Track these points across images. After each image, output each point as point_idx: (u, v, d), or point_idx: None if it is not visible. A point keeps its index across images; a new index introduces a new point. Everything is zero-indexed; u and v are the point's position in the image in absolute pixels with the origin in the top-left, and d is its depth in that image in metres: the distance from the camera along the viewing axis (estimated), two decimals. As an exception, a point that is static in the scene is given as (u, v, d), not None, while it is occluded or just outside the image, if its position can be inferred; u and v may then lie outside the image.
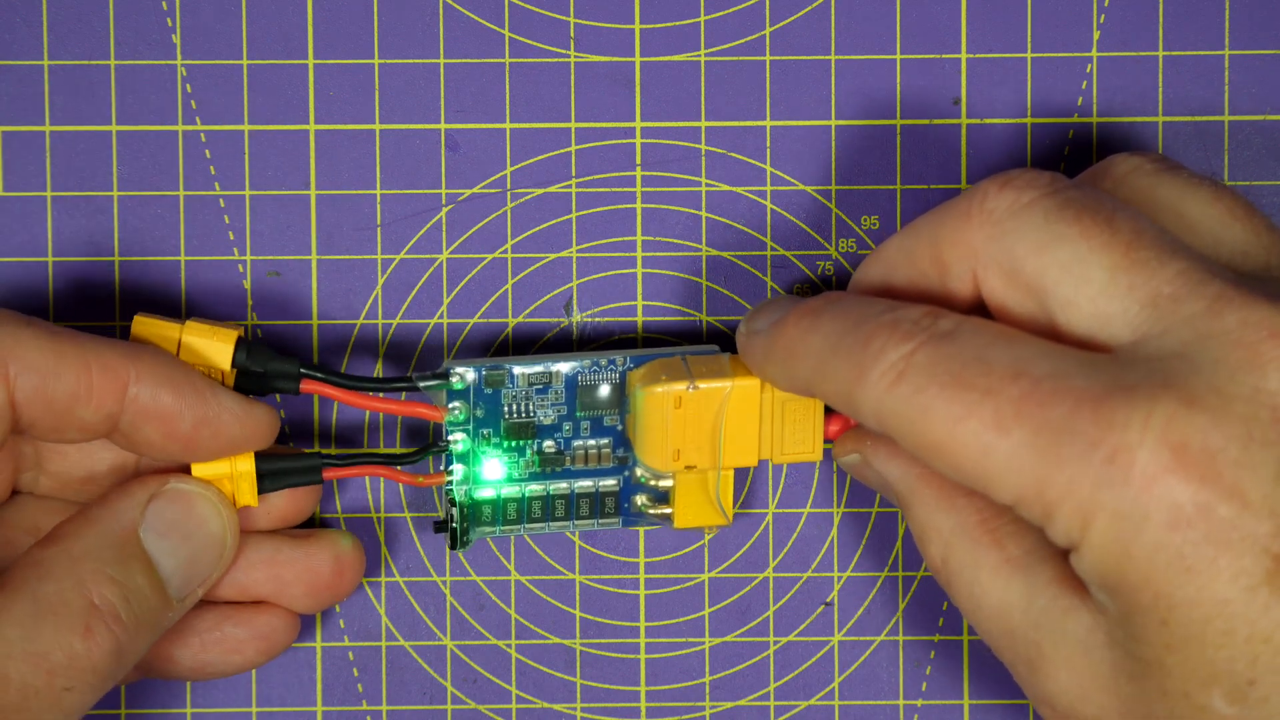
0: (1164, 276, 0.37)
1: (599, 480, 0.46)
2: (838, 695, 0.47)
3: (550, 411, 0.45)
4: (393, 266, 0.47)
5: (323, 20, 0.47)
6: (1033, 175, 0.39)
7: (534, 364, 0.45)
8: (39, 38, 0.46)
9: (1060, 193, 0.39)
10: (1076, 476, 0.36)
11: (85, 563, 0.41)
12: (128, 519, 0.42)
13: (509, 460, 0.45)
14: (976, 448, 0.37)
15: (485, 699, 0.47)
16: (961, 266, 0.40)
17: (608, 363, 0.45)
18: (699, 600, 0.47)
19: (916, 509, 0.42)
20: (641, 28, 0.47)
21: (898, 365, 0.38)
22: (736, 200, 0.47)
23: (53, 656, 0.40)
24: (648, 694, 0.47)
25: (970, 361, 0.38)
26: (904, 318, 0.39)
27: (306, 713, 0.47)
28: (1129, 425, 0.36)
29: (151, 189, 0.47)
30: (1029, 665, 0.39)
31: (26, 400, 0.41)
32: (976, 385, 0.37)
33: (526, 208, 0.47)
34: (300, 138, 0.47)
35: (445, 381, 0.44)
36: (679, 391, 0.44)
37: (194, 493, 0.43)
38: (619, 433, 0.45)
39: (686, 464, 0.44)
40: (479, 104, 0.47)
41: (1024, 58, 0.47)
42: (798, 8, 0.47)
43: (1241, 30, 0.47)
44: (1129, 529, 0.36)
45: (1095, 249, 0.38)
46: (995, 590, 0.40)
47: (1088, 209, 0.38)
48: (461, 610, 0.47)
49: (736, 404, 0.44)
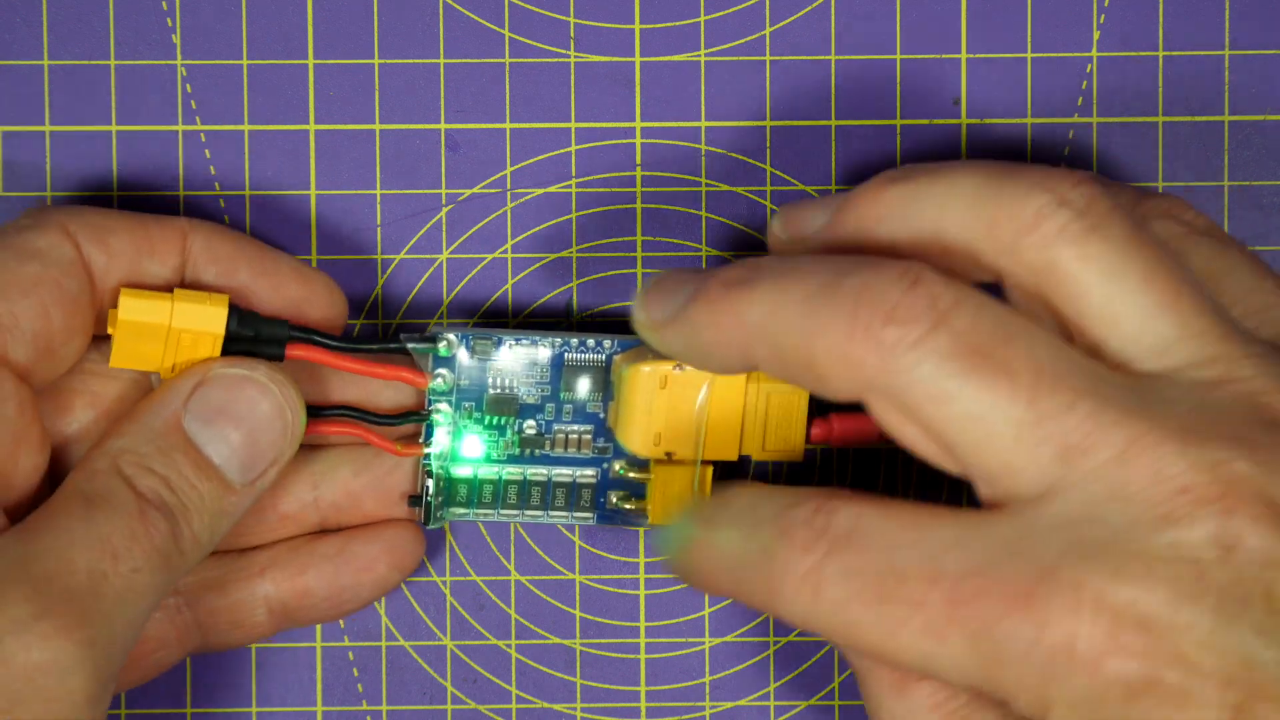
0: (1071, 423, 0.36)
1: (577, 470, 0.45)
2: (838, 695, 0.47)
3: (534, 390, 0.45)
4: (393, 266, 0.47)
5: (323, 20, 0.47)
6: (910, 301, 0.37)
7: (523, 336, 0.45)
8: (39, 38, 0.46)
9: (944, 325, 0.37)
10: (1024, 675, 0.36)
11: (125, 457, 0.41)
12: (170, 411, 0.42)
13: (489, 439, 0.45)
14: (918, 655, 0.37)
15: (485, 699, 0.47)
16: (844, 385, 0.38)
17: (595, 343, 0.45)
18: (699, 600, 0.47)
19: (871, 688, 0.40)
20: (641, 28, 0.47)
21: (809, 579, 0.37)
22: (736, 200, 0.47)
23: (114, 539, 0.40)
24: (648, 694, 0.47)
25: (882, 573, 0.37)
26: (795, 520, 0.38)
27: (306, 713, 0.47)
28: (1062, 617, 0.35)
29: (151, 188, 0.47)
30: None
31: (95, 257, 0.42)
32: (898, 598, 0.36)
33: (526, 208, 0.47)
34: (300, 138, 0.47)
35: (433, 345, 0.44)
36: (665, 371, 0.44)
37: (239, 375, 0.42)
38: (600, 421, 0.45)
39: (667, 450, 0.44)
40: (479, 104, 0.47)
41: (1024, 58, 0.47)
42: (798, 8, 0.47)
43: (1241, 30, 0.47)
44: (1087, 710, 0.36)
45: (998, 402, 0.36)
46: None
47: (980, 353, 0.36)
48: (461, 610, 0.47)
49: (721, 391, 0.44)
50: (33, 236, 0.42)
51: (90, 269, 0.42)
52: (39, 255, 0.41)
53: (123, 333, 0.42)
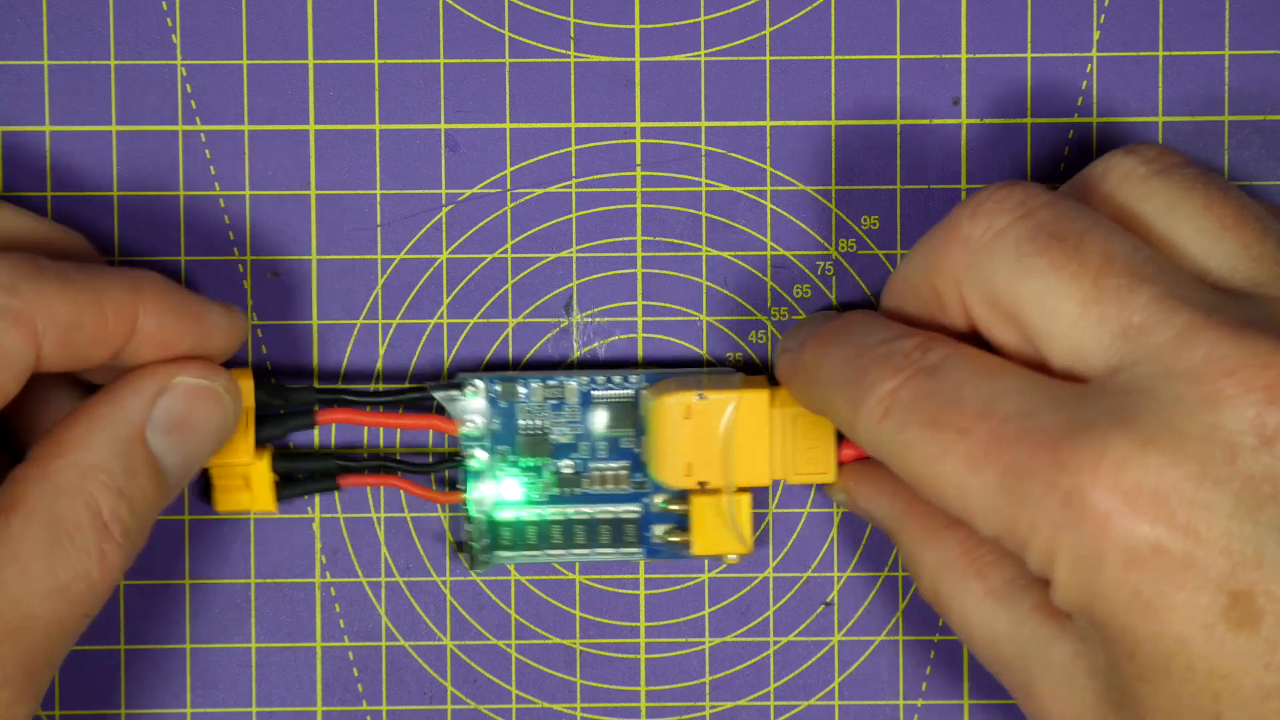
0: (1134, 305, 0.37)
1: (619, 507, 0.46)
2: (838, 695, 0.47)
3: (566, 430, 0.45)
4: (393, 266, 0.47)
5: (323, 20, 0.47)
6: (1003, 196, 0.39)
7: (549, 377, 0.45)
8: (39, 38, 0.46)
9: (1030, 216, 0.39)
10: (1038, 518, 0.37)
11: (94, 476, 0.41)
12: (135, 419, 0.41)
13: (527, 481, 0.45)
14: (954, 485, 0.38)
15: (485, 699, 0.47)
16: (950, 295, 0.40)
17: (621, 378, 0.45)
18: (699, 600, 0.47)
19: (903, 544, 0.43)
20: (641, 28, 0.47)
21: (884, 401, 0.39)
22: (736, 200, 0.47)
23: (74, 589, 0.40)
24: (648, 694, 0.47)
25: (947, 400, 0.38)
26: (897, 350, 0.40)
27: (306, 713, 0.47)
28: (1081, 468, 0.36)
29: (151, 189, 0.47)
30: (1023, 692, 0.40)
31: (50, 353, 0.41)
32: (950, 424, 0.38)
33: (526, 208, 0.47)
34: (300, 138, 0.47)
35: (459, 391, 0.45)
36: (687, 401, 0.44)
37: (204, 386, 0.42)
38: (636, 455, 0.45)
39: (699, 480, 0.44)
40: (479, 104, 0.47)
41: (1024, 58, 0.47)
42: (798, 8, 0.47)
43: (1241, 30, 0.47)
44: (1088, 569, 0.36)
45: (1065, 280, 0.38)
46: (982, 621, 0.41)
47: (1057, 236, 0.38)
48: (461, 610, 0.47)
49: (745, 416, 0.44)
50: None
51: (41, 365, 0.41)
52: None
53: None
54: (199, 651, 0.47)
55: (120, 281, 0.41)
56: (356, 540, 0.47)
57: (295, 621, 0.47)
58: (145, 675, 0.47)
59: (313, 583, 0.47)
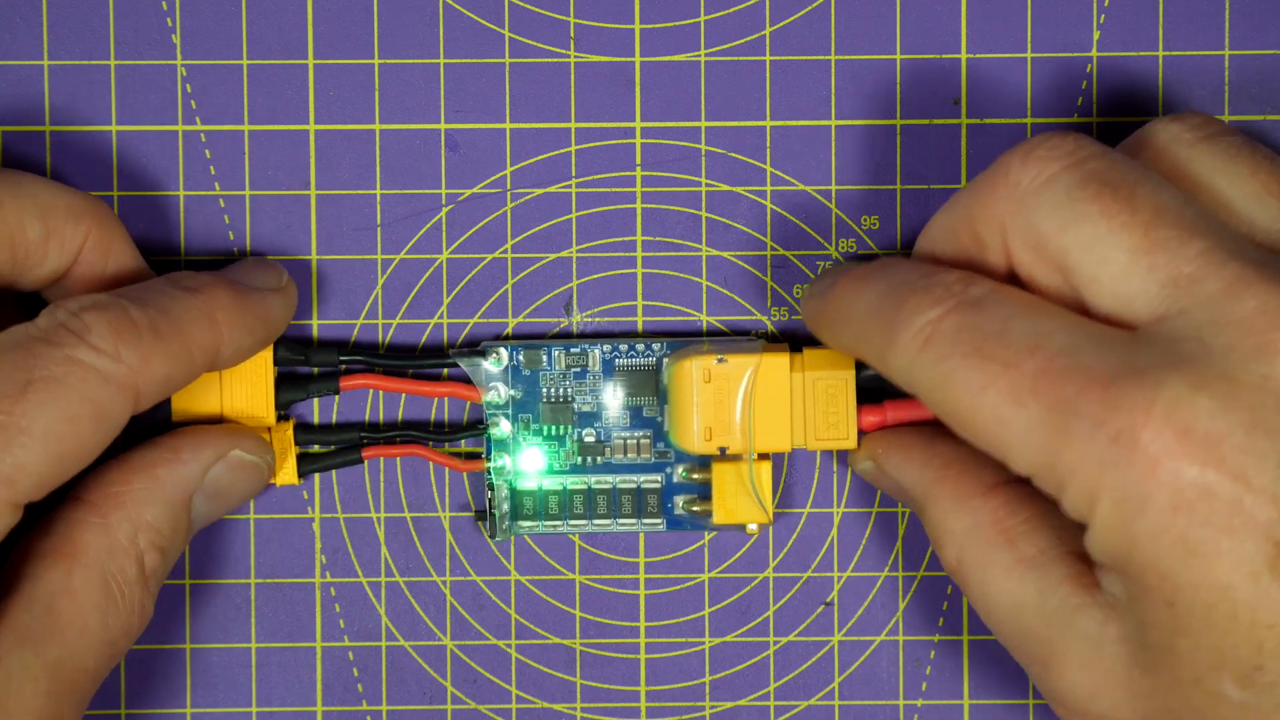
0: (1184, 256, 0.37)
1: (641, 477, 0.46)
2: (838, 695, 0.47)
3: (589, 398, 0.45)
4: (393, 266, 0.47)
5: (323, 20, 0.47)
6: (1056, 143, 0.39)
7: (572, 345, 0.45)
8: (39, 38, 0.46)
9: (1083, 165, 0.39)
10: (1083, 456, 0.36)
11: (146, 534, 0.42)
12: (190, 486, 0.43)
13: (549, 449, 0.45)
14: (994, 418, 0.38)
15: (485, 699, 0.47)
16: (994, 239, 0.40)
17: (645, 346, 0.45)
18: (699, 600, 0.47)
19: (931, 512, 0.42)
20: (641, 28, 0.47)
21: (924, 330, 0.39)
22: (736, 200, 0.47)
23: (120, 643, 0.42)
24: (648, 694, 0.47)
25: (993, 333, 0.38)
26: (938, 282, 0.39)
27: (306, 713, 0.47)
28: (1134, 407, 0.36)
29: (151, 189, 0.47)
30: (1042, 663, 0.40)
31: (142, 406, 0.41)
32: (996, 357, 0.38)
33: (526, 208, 0.47)
34: (300, 138, 0.47)
35: (483, 359, 0.45)
36: (707, 364, 0.44)
37: (253, 463, 0.44)
38: (658, 425, 0.46)
39: (719, 445, 0.44)
40: (479, 104, 0.47)
41: (1024, 58, 0.47)
42: (798, 8, 0.47)
43: (1241, 30, 0.47)
44: (1132, 510, 0.36)
45: (1115, 229, 0.38)
46: (1008, 589, 0.40)
47: (1109, 184, 0.38)
48: (461, 610, 0.47)
49: (766, 379, 0.44)
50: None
51: None
52: None
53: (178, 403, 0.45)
54: (199, 651, 0.47)
55: (199, 319, 0.42)
56: (356, 540, 0.47)
57: (295, 621, 0.47)
58: (145, 675, 0.47)
59: (313, 583, 0.47)
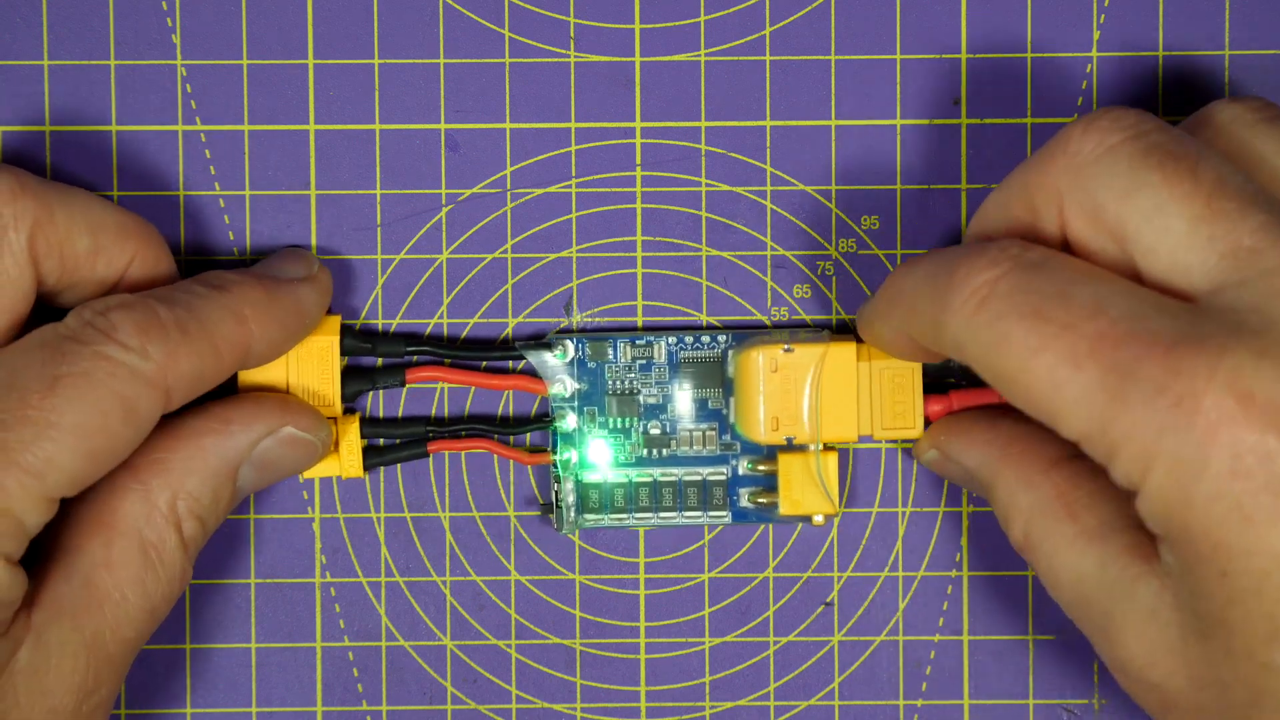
0: (1245, 229, 0.37)
1: (706, 469, 0.46)
2: (838, 695, 0.47)
3: (654, 390, 0.46)
4: (393, 266, 0.47)
5: (323, 20, 0.47)
6: (1118, 115, 0.40)
7: (637, 337, 0.46)
8: (39, 38, 0.46)
9: (1145, 136, 0.39)
10: (1141, 420, 0.36)
11: (187, 502, 0.42)
12: (237, 457, 0.43)
13: (615, 442, 0.46)
14: (1049, 381, 0.38)
15: (485, 699, 0.47)
16: (1049, 209, 0.40)
17: (710, 338, 0.46)
18: (699, 600, 0.47)
19: (999, 490, 0.43)
20: (641, 28, 0.47)
21: (980, 291, 0.39)
22: (736, 200, 0.47)
23: (160, 610, 0.42)
24: (648, 694, 0.47)
25: (1051, 294, 0.38)
26: (993, 246, 0.39)
27: (306, 713, 0.47)
28: (1196, 373, 0.36)
29: (151, 189, 0.47)
30: (1103, 634, 0.40)
31: (173, 404, 0.42)
32: (1055, 318, 0.38)
33: (526, 208, 0.47)
34: (300, 138, 0.47)
35: (549, 351, 0.46)
36: (774, 354, 0.44)
37: (306, 440, 0.44)
38: (724, 417, 0.46)
39: (786, 435, 0.44)
40: (479, 104, 0.47)
41: (1024, 58, 0.47)
42: (798, 8, 0.47)
43: (1241, 30, 0.47)
44: (1189, 476, 0.36)
45: (1177, 198, 0.38)
46: (1071, 561, 0.40)
47: (1172, 155, 0.39)
48: (461, 610, 0.47)
49: (833, 368, 0.44)
50: None
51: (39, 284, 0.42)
52: None
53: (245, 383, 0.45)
54: (199, 651, 0.47)
55: (227, 317, 0.42)
56: (356, 540, 0.47)
57: (295, 621, 0.47)
58: (145, 675, 0.47)
59: (313, 583, 0.47)
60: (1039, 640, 0.47)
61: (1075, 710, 0.47)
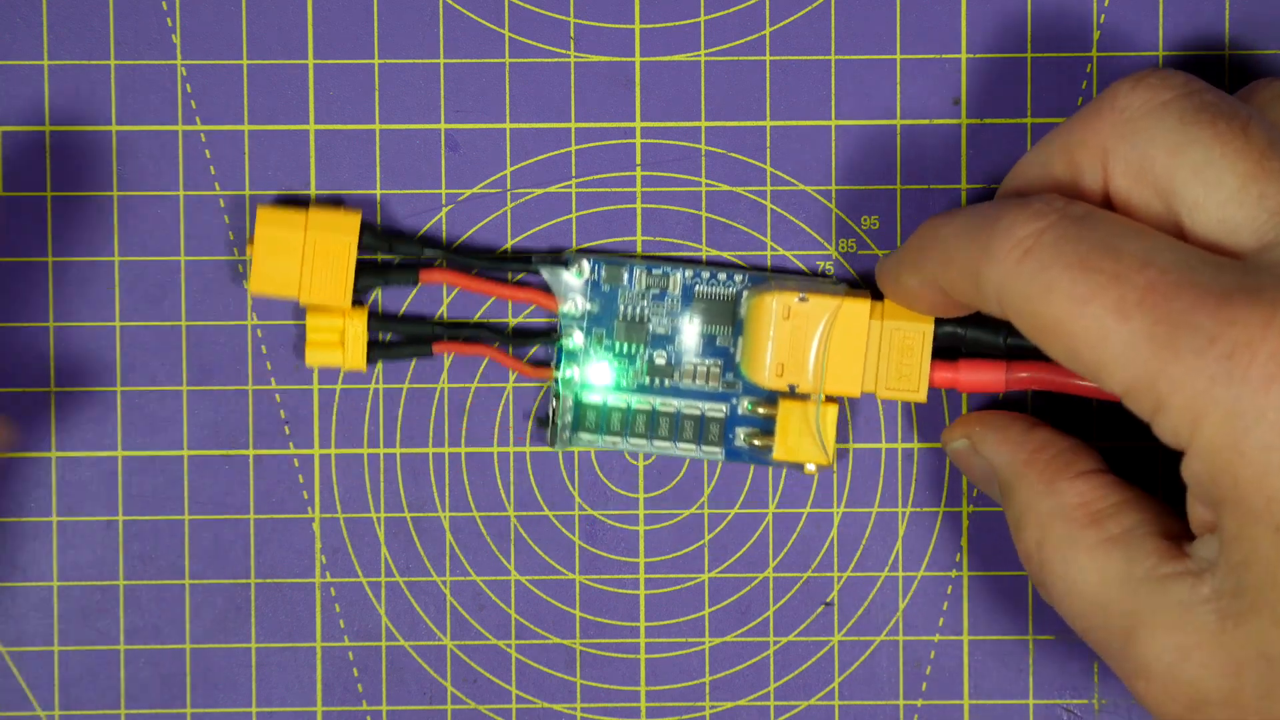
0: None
1: (706, 404, 0.46)
2: (838, 695, 0.47)
3: (664, 320, 0.46)
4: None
5: (323, 20, 0.47)
6: (1167, 74, 0.40)
7: (654, 266, 0.46)
8: (39, 38, 0.46)
9: (1196, 95, 0.39)
10: (1192, 370, 0.36)
11: None
12: None
13: (618, 366, 0.46)
14: (1096, 332, 0.37)
15: (485, 699, 0.47)
16: (1093, 165, 0.40)
17: (726, 276, 0.46)
18: (699, 600, 0.47)
19: (1020, 492, 0.42)
20: (641, 28, 0.47)
21: (1025, 242, 0.38)
22: (736, 200, 0.47)
23: None
24: (648, 694, 0.47)
25: (1098, 245, 0.38)
26: (1038, 198, 0.39)
27: (306, 713, 0.47)
28: (1251, 324, 0.36)
29: (151, 189, 0.47)
30: (1124, 636, 0.39)
31: None
32: (1103, 269, 0.37)
33: (526, 208, 0.47)
34: (300, 138, 0.47)
35: (565, 268, 0.45)
36: (789, 301, 0.44)
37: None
38: (730, 355, 0.46)
39: (790, 382, 0.45)
40: (479, 104, 0.47)
41: (1024, 58, 0.47)
42: (798, 8, 0.47)
43: (1241, 30, 0.47)
44: (1241, 427, 0.36)
45: (1228, 155, 0.38)
46: (1092, 567, 0.40)
47: (1223, 114, 0.39)
48: (461, 610, 0.47)
49: (845, 322, 0.44)
50: None
51: None
52: None
53: (261, 250, 0.45)
54: (199, 651, 0.47)
55: None
56: (356, 540, 0.47)
57: (295, 621, 0.47)
58: (145, 675, 0.47)
59: (313, 583, 0.47)
60: (1039, 640, 0.47)
61: (1075, 710, 0.47)
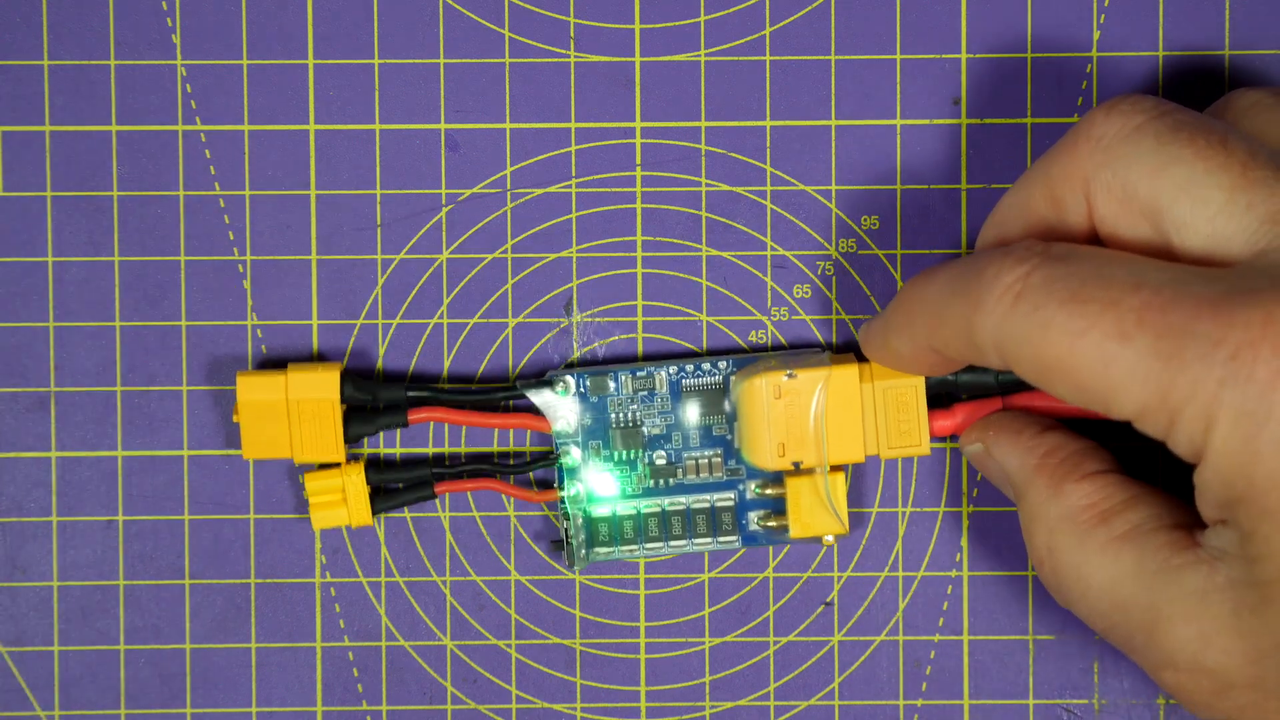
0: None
1: (714, 495, 0.46)
2: (838, 695, 0.47)
3: (658, 420, 0.46)
4: (393, 266, 0.47)
5: (323, 20, 0.47)
6: (1137, 98, 0.40)
7: (637, 369, 0.46)
8: (39, 38, 0.46)
9: (1168, 115, 0.39)
10: (1200, 377, 0.36)
11: None
12: None
13: (621, 474, 0.46)
14: (1098, 360, 0.37)
15: (485, 699, 0.47)
16: (1075, 197, 0.40)
17: (710, 365, 0.45)
18: (699, 600, 0.47)
19: (1029, 498, 0.42)
20: (641, 28, 0.47)
21: (1014, 287, 0.39)
22: (736, 200, 0.47)
23: None
24: (648, 694, 0.47)
25: (1088, 277, 0.38)
26: (1016, 246, 0.39)
27: (306, 713, 0.47)
28: (1251, 323, 0.36)
29: (151, 189, 0.47)
30: (1146, 630, 0.39)
31: None
32: (1096, 297, 0.37)
33: (526, 208, 0.47)
34: (300, 138, 0.47)
35: (550, 389, 0.45)
36: (777, 380, 0.44)
37: None
38: (728, 443, 0.46)
39: (793, 460, 0.44)
40: (479, 104, 0.47)
41: (1024, 58, 0.47)
42: (798, 8, 0.47)
43: (1241, 30, 0.47)
44: (1253, 426, 0.36)
45: (1212, 169, 0.38)
46: (1105, 566, 0.40)
47: (1200, 131, 0.39)
48: (461, 610, 0.47)
49: (836, 391, 0.44)
50: None
51: None
52: None
53: (247, 417, 0.45)
54: (199, 651, 0.47)
55: None
56: (356, 540, 0.47)
57: (295, 621, 0.47)
58: (145, 675, 0.47)
59: (313, 583, 0.47)
60: (1039, 640, 0.47)
61: (1075, 710, 0.47)
